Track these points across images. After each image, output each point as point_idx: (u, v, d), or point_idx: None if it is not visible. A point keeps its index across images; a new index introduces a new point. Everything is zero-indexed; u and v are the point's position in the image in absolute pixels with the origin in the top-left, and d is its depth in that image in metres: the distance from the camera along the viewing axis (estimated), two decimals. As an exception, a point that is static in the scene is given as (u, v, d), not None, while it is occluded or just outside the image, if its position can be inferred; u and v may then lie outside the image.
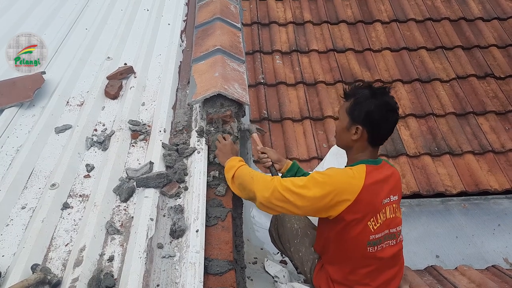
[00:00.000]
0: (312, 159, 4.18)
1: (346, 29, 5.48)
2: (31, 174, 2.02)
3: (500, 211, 3.96)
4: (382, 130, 1.98)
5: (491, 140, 4.38)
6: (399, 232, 2.08)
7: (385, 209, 1.96)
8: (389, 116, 1.96)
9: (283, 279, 2.42)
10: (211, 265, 1.64)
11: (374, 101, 1.93)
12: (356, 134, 1.96)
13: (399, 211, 2.08)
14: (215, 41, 2.64)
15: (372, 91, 1.97)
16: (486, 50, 5.22)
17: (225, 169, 2.05)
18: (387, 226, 1.98)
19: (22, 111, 2.39)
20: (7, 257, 1.64)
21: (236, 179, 1.98)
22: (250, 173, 1.95)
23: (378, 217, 1.93)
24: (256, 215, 3.32)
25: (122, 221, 1.81)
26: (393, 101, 1.98)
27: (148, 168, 1.99)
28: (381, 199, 1.94)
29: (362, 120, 1.95)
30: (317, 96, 4.75)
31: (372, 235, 1.93)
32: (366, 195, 1.87)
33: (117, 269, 1.60)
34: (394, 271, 2.09)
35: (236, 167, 1.99)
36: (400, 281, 2.20)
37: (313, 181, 1.86)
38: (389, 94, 1.99)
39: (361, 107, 1.94)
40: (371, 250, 1.96)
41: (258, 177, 1.93)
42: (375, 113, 1.92)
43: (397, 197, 2.05)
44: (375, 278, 2.04)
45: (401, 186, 2.16)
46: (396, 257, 2.08)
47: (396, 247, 2.06)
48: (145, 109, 2.49)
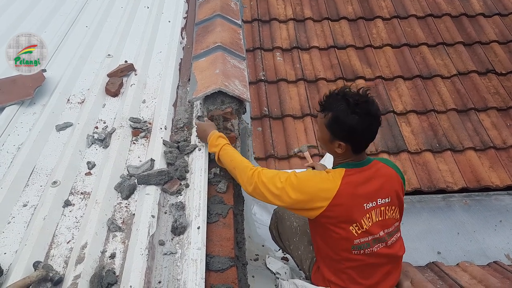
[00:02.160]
0: (312, 156, 4.15)
1: (347, 25, 5.47)
2: (32, 172, 2.02)
3: (502, 207, 3.96)
4: (366, 139, 1.91)
5: (493, 136, 4.38)
6: (391, 233, 2.01)
7: (370, 214, 1.92)
8: (371, 126, 1.87)
9: (284, 275, 2.43)
10: (213, 262, 1.64)
11: (355, 117, 1.81)
12: (339, 148, 1.91)
13: (391, 212, 2.00)
14: (216, 38, 2.64)
15: (349, 104, 1.82)
16: (487, 46, 5.21)
17: (209, 151, 2.07)
18: (376, 230, 1.94)
19: (23, 109, 2.39)
20: (9, 254, 1.64)
21: (221, 162, 2.02)
22: (231, 163, 1.97)
23: (362, 222, 1.89)
24: (257, 212, 3.32)
25: (123, 218, 1.81)
26: (374, 108, 1.85)
27: (149, 166, 1.99)
28: (363, 204, 1.90)
29: (343, 137, 1.87)
30: (318, 93, 4.74)
31: (356, 239, 1.91)
32: (341, 200, 1.84)
33: (118, 266, 1.60)
34: (388, 268, 2.07)
35: (217, 153, 2.00)
36: (397, 275, 2.19)
37: (290, 183, 1.86)
38: (368, 102, 1.85)
39: (342, 125, 1.84)
40: (356, 253, 1.94)
41: (239, 168, 1.95)
42: (357, 128, 1.83)
43: (389, 199, 1.97)
44: (368, 277, 2.03)
45: (396, 186, 2.02)
46: (389, 256, 2.04)
47: (388, 248, 2.02)
48: (146, 107, 2.49)
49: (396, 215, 2.03)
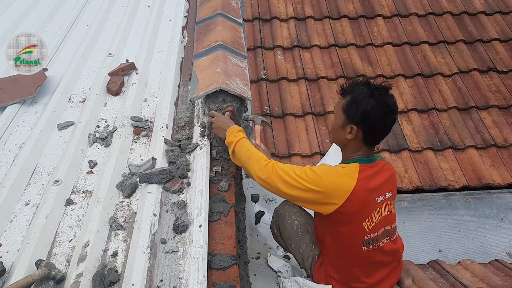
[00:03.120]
0: (314, 155, 4.17)
1: (347, 24, 5.45)
2: (34, 170, 2.02)
3: (503, 205, 3.95)
4: (378, 131, 1.91)
5: (494, 135, 4.37)
6: (394, 229, 2.06)
7: (380, 208, 1.94)
8: (386, 117, 1.87)
9: (286, 274, 2.43)
10: (215, 260, 1.64)
11: (372, 101, 1.83)
12: (350, 133, 1.91)
13: (393, 206, 2.06)
14: (217, 37, 2.64)
15: (370, 89, 1.86)
16: (488, 44, 5.20)
17: (226, 143, 2.06)
18: (383, 224, 1.97)
19: (24, 108, 2.39)
20: (11, 253, 1.65)
21: (235, 155, 2.01)
22: (246, 153, 1.95)
23: (373, 217, 1.91)
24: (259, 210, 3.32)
25: (125, 217, 1.81)
26: (392, 101, 1.88)
27: (150, 164, 1.99)
28: (375, 198, 1.91)
29: (357, 120, 1.87)
30: (319, 92, 4.74)
31: (367, 235, 1.92)
32: (358, 195, 1.84)
33: (121, 264, 1.61)
34: (391, 267, 2.09)
35: (234, 143, 1.99)
36: (398, 275, 2.20)
37: (306, 177, 1.84)
38: (388, 93, 1.89)
39: (358, 106, 1.85)
40: (366, 249, 1.95)
41: (253, 159, 1.93)
42: (372, 114, 1.83)
43: (392, 193, 2.02)
44: (371, 275, 2.04)
45: (396, 182, 2.11)
46: (393, 253, 2.07)
47: (393, 243, 2.06)
48: (147, 105, 2.49)
49: (394, 209, 2.08)
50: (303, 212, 2.39)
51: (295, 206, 2.40)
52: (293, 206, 2.41)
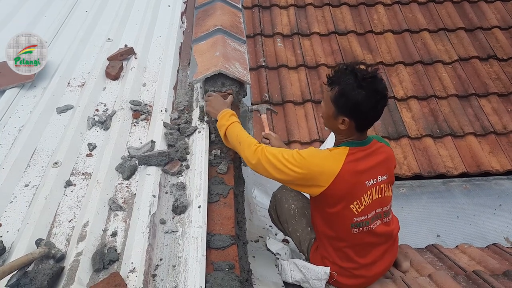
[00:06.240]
0: (313, 142, 4.19)
1: (347, 11, 5.43)
2: (34, 153, 2.02)
3: (502, 191, 3.97)
4: (371, 117, 1.90)
5: (493, 122, 4.38)
6: (387, 212, 2.06)
7: (371, 191, 1.94)
8: (378, 104, 1.84)
9: (284, 256, 2.45)
10: (214, 240, 1.65)
11: (361, 92, 1.79)
12: (343, 124, 1.90)
13: (389, 190, 2.05)
14: (216, 21, 2.63)
15: (357, 79, 1.80)
16: (489, 32, 5.19)
17: (217, 126, 2.06)
18: (374, 207, 1.97)
19: (23, 92, 2.39)
20: (12, 232, 1.66)
21: (227, 138, 2.02)
22: (237, 137, 1.95)
23: (362, 200, 1.92)
24: (257, 195, 3.34)
25: (124, 198, 1.82)
26: (381, 86, 1.83)
27: (149, 147, 2.00)
28: (365, 181, 1.92)
29: (348, 112, 1.85)
30: (319, 79, 4.73)
31: (356, 217, 1.93)
32: (344, 178, 1.85)
33: (120, 243, 1.62)
34: (385, 247, 2.11)
35: (226, 126, 1.99)
36: (393, 256, 2.22)
37: (293, 160, 1.86)
38: (376, 78, 1.83)
39: (347, 99, 1.82)
40: (355, 231, 1.97)
41: (244, 144, 1.94)
42: (363, 104, 1.80)
43: (386, 176, 2.01)
44: (364, 255, 2.06)
45: (393, 165, 2.09)
46: (386, 235, 2.08)
47: (386, 225, 2.06)
48: (146, 90, 2.49)
49: (391, 193, 2.08)
50: (300, 196, 2.40)
51: (292, 191, 2.41)
52: (290, 191, 2.42)
